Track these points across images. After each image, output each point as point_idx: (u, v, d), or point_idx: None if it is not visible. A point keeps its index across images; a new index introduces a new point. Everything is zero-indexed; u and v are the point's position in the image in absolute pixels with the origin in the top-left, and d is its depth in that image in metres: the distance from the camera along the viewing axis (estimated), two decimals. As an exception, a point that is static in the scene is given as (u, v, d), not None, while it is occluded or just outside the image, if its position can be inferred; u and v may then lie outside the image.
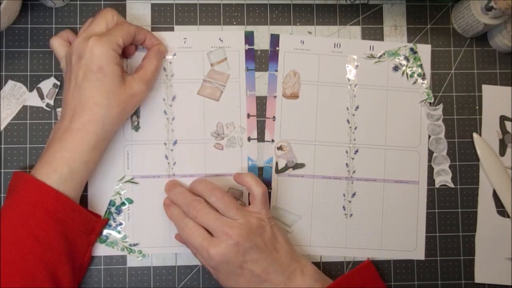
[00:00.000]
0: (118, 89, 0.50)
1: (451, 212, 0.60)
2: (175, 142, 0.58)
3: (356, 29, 0.61)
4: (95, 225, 0.53)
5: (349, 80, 0.60)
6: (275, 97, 0.59)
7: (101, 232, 0.56)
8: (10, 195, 0.49)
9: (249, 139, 0.59)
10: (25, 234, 0.46)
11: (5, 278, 0.45)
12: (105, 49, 0.49)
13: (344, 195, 0.59)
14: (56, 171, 0.48)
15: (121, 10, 0.59)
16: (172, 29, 0.59)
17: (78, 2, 0.59)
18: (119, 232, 0.57)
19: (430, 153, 0.60)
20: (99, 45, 0.49)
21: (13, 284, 0.45)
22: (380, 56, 0.60)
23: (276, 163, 0.59)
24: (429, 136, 0.60)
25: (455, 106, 0.61)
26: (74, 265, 0.51)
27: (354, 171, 0.59)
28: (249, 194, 0.54)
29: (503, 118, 0.61)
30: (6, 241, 0.46)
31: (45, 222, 0.47)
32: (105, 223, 0.55)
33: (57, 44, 0.54)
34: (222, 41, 0.59)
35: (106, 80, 0.49)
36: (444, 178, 0.60)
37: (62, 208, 0.48)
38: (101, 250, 0.56)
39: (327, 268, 0.58)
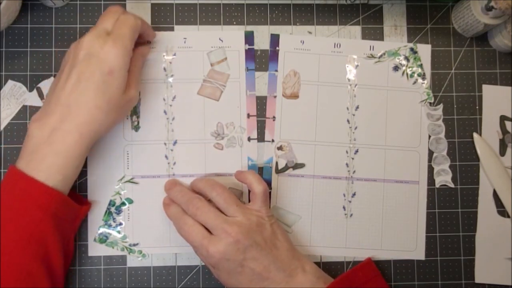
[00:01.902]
0: (120, 95, 0.49)
1: (451, 212, 0.60)
2: (175, 142, 0.58)
3: (356, 29, 0.61)
4: (78, 212, 0.52)
5: (349, 80, 0.60)
6: (275, 97, 0.59)
7: (84, 217, 0.55)
8: (1, 190, 0.48)
9: (249, 139, 0.59)
10: (18, 233, 0.46)
11: (2, 280, 0.44)
12: (120, 54, 0.48)
13: (344, 195, 0.59)
14: (49, 179, 0.47)
15: (121, 10, 0.59)
16: (172, 29, 0.59)
17: (78, 2, 0.59)
18: (119, 232, 0.57)
19: (430, 153, 0.60)
20: (116, 49, 0.48)
21: (9, 284, 0.44)
22: (380, 56, 0.60)
23: (276, 163, 0.59)
24: (429, 136, 0.60)
25: (455, 106, 0.61)
26: (64, 257, 0.51)
27: (354, 171, 0.59)
28: (249, 192, 0.54)
29: (503, 118, 0.61)
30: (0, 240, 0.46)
31: (39, 218, 0.46)
32: (87, 209, 0.54)
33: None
34: (222, 41, 0.59)
35: (113, 84, 0.48)
36: (444, 178, 0.60)
37: (54, 202, 0.47)
38: (101, 250, 0.56)
39: (327, 268, 0.58)
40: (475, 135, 0.60)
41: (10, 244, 0.46)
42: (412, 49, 0.61)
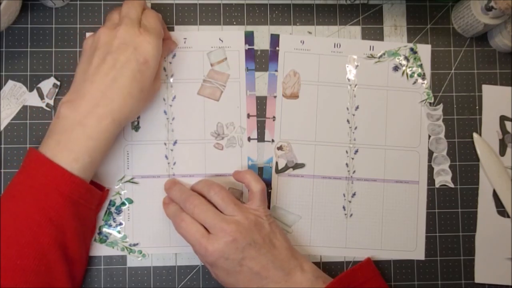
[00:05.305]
0: (150, 85, 0.51)
1: (451, 212, 0.60)
2: (175, 142, 0.58)
3: (356, 29, 0.61)
4: (100, 199, 0.54)
5: (349, 80, 0.60)
6: (275, 97, 0.59)
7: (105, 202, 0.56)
8: (22, 172, 0.48)
9: (249, 139, 0.59)
10: (38, 215, 0.46)
11: (18, 259, 0.45)
12: (155, 44, 0.50)
13: (344, 195, 0.59)
14: (78, 160, 0.47)
15: (121, 10, 0.59)
16: (172, 29, 0.59)
17: (78, 2, 0.59)
18: (119, 232, 0.57)
19: (430, 153, 0.60)
20: (150, 40, 0.50)
21: (26, 265, 0.45)
22: (380, 56, 0.60)
23: (276, 163, 0.59)
24: (429, 136, 0.60)
25: (455, 106, 0.61)
26: (86, 241, 0.52)
27: (354, 171, 0.59)
28: (248, 191, 0.54)
29: (503, 118, 0.61)
30: (18, 221, 0.46)
31: (59, 204, 0.47)
32: (107, 194, 0.56)
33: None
34: (222, 41, 0.59)
35: (147, 73, 0.50)
36: (444, 178, 0.60)
37: (76, 190, 0.48)
38: (101, 250, 0.56)
39: (327, 268, 0.58)
40: (475, 135, 0.60)
41: (31, 224, 0.46)
42: (412, 49, 0.61)
